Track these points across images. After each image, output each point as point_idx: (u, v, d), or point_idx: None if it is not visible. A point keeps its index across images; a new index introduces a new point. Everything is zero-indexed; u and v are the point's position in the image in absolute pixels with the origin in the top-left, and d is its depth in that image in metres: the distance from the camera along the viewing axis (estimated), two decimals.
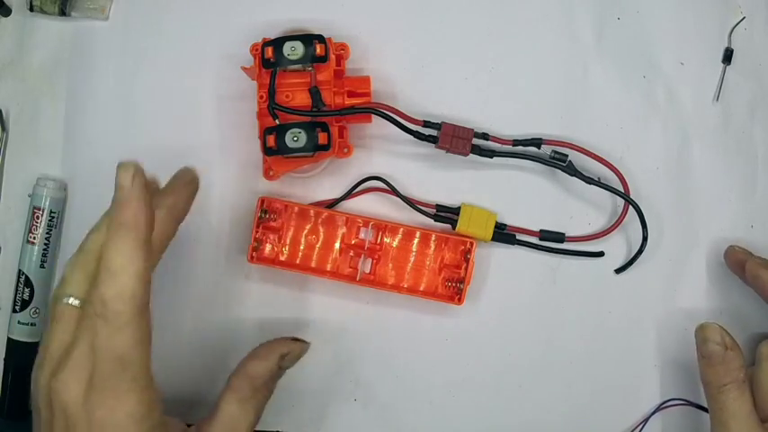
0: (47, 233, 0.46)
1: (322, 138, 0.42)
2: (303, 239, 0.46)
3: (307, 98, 0.43)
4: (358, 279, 0.45)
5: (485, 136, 0.45)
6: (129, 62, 0.47)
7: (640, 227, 0.45)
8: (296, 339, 0.41)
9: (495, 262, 0.46)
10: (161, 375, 0.46)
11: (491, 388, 0.46)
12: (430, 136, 0.44)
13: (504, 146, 0.45)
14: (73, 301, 0.34)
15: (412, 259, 0.46)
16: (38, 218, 0.45)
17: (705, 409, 0.43)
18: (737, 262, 0.44)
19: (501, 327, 0.46)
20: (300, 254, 0.46)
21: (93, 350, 0.32)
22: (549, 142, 0.45)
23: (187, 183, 0.38)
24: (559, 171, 0.45)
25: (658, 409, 0.46)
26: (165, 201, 0.36)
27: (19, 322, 0.45)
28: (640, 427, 0.46)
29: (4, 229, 0.47)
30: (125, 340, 0.31)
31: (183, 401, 0.46)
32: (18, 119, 0.48)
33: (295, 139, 0.42)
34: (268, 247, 0.45)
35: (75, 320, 0.33)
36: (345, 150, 0.44)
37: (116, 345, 0.31)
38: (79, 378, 0.32)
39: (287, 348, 0.40)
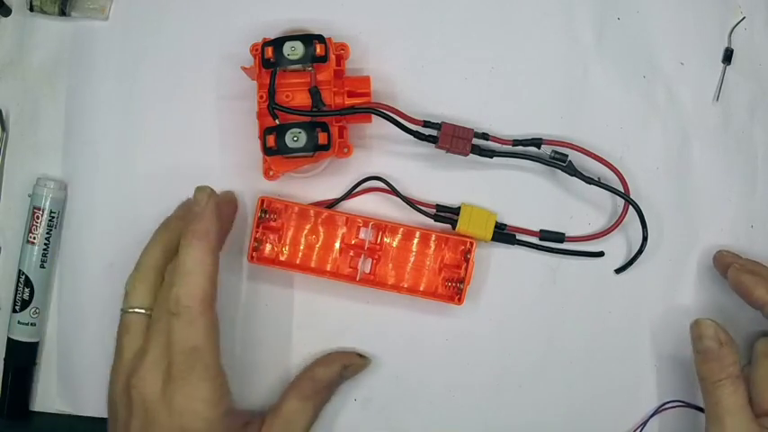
0: (47, 233, 0.46)
1: (322, 138, 0.42)
2: (303, 239, 0.46)
3: (307, 98, 0.43)
4: (358, 279, 0.45)
5: (485, 136, 0.45)
6: (129, 62, 0.47)
7: (640, 227, 0.45)
8: (360, 355, 0.45)
9: (495, 262, 0.46)
10: None
11: (491, 388, 0.46)
12: (430, 136, 0.44)
13: (504, 146, 0.45)
14: (139, 310, 0.40)
15: (412, 259, 0.46)
16: (38, 218, 0.45)
17: (703, 410, 0.43)
18: (725, 266, 0.44)
19: (501, 327, 0.46)
20: (300, 254, 0.46)
21: (167, 346, 0.36)
22: (549, 142, 0.45)
23: (228, 202, 0.45)
24: (559, 171, 0.45)
25: (657, 411, 0.46)
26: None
27: (19, 322, 0.45)
28: (639, 429, 0.46)
29: (4, 229, 0.47)
30: (197, 332, 0.36)
31: None
32: (18, 119, 0.48)
33: (295, 139, 0.42)
34: (268, 247, 0.45)
35: (143, 327, 0.39)
36: (345, 150, 0.44)
37: (189, 337, 0.36)
38: (156, 373, 0.37)
39: (350, 361, 0.44)
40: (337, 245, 0.46)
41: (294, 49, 0.42)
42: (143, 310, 0.40)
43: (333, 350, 0.45)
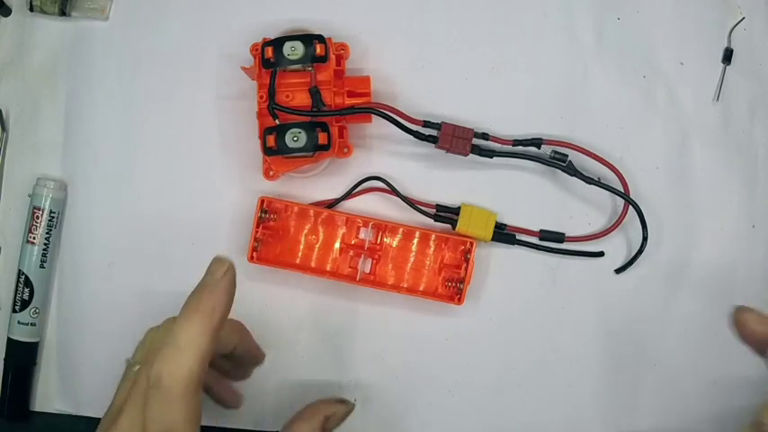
0: (47, 233, 0.46)
1: (322, 138, 0.42)
2: (303, 239, 0.46)
3: (307, 98, 0.43)
4: (358, 279, 0.45)
5: (485, 136, 0.45)
6: (129, 62, 0.47)
7: (640, 227, 0.45)
8: (341, 401, 0.41)
9: (495, 262, 0.46)
10: None
11: (491, 388, 0.46)
12: (430, 136, 0.44)
13: (504, 146, 0.45)
14: (137, 367, 0.35)
15: (412, 259, 0.46)
16: (38, 218, 0.46)
17: None
18: (756, 337, 0.35)
19: (501, 327, 0.46)
20: (300, 254, 0.46)
21: (142, 416, 0.32)
22: (549, 142, 0.45)
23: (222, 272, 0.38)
24: (559, 171, 0.45)
25: None
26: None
27: (19, 322, 0.45)
28: None
29: (4, 229, 0.47)
30: (175, 415, 0.32)
31: None
32: (18, 119, 0.48)
33: (295, 139, 0.42)
34: (268, 247, 0.45)
35: (133, 383, 0.34)
36: (345, 150, 0.44)
37: (165, 417, 0.32)
38: None
39: (331, 410, 0.40)
40: (337, 245, 0.46)
41: (294, 49, 0.42)
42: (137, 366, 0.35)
43: (310, 403, 0.41)
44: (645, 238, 0.45)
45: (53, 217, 0.46)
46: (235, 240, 0.46)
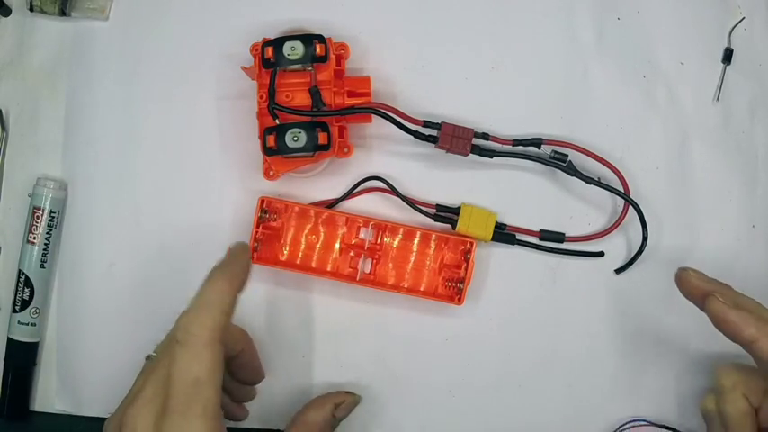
0: (47, 233, 0.46)
1: (322, 138, 0.42)
2: (303, 239, 0.46)
3: (307, 98, 0.43)
4: (358, 279, 0.45)
5: (485, 136, 0.45)
6: (129, 62, 0.47)
7: (640, 227, 0.45)
8: (348, 393, 0.45)
9: (495, 262, 0.46)
10: None
11: (491, 388, 0.46)
12: (430, 136, 0.44)
13: (504, 146, 0.45)
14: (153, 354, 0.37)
15: (412, 259, 0.46)
16: (38, 218, 0.46)
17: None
18: (698, 293, 0.38)
19: (501, 327, 0.46)
20: (300, 254, 0.46)
21: (167, 378, 0.33)
22: (549, 142, 0.45)
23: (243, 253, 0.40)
24: (559, 171, 0.45)
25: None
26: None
27: (19, 322, 0.45)
28: None
29: (4, 229, 0.47)
30: (202, 364, 0.33)
31: None
32: (18, 119, 0.48)
33: (295, 139, 0.42)
34: (268, 247, 0.45)
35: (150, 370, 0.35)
36: (345, 150, 0.44)
37: (192, 368, 0.33)
38: (150, 408, 0.33)
39: (340, 399, 0.44)
40: (337, 245, 0.46)
41: (294, 49, 0.42)
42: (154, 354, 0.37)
43: (320, 395, 0.44)
44: (645, 238, 0.45)
45: (53, 217, 0.46)
46: (235, 240, 0.46)
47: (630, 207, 0.45)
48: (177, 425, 0.32)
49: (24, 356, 0.46)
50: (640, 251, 0.46)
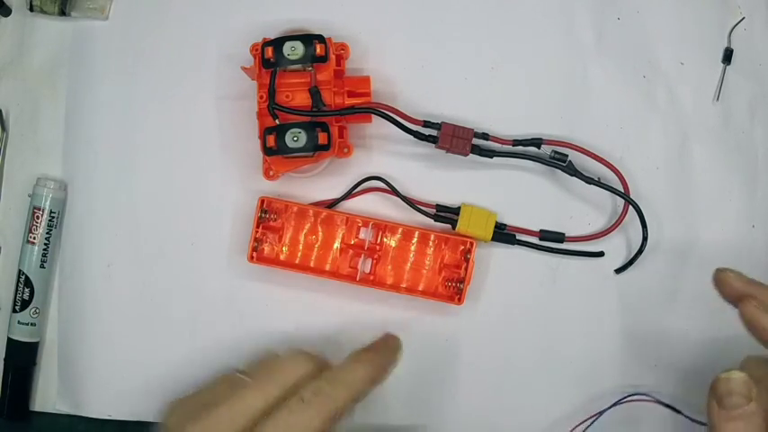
0: (47, 233, 0.46)
1: (322, 138, 0.42)
2: (303, 239, 0.46)
3: (307, 98, 0.43)
4: (358, 279, 0.45)
5: (485, 136, 0.45)
6: (129, 62, 0.47)
7: (640, 227, 0.45)
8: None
9: (495, 262, 0.46)
10: (159, 372, 0.47)
11: (491, 388, 0.46)
12: (430, 136, 0.44)
13: (504, 146, 0.45)
14: (241, 375, 0.37)
15: (412, 259, 0.46)
16: (38, 218, 0.46)
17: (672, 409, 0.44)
18: (734, 295, 0.39)
19: (501, 327, 0.46)
20: (300, 254, 0.46)
21: (252, 416, 0.34)
22: (549, 142, 0.45)
23: (393, 350, 0.42)
24: (559, 171, 0.45)
25: (618, 402, 0.45)
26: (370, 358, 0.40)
27: (19, 322, 0.46)
28: (594, 418, 0.45)
29: (4, 229, 0.47)
30: (314, 426, 0.34)
31: None
32: (18, 119, 0.48)
33: (295, 139, 0.42)
34: (268, 247, 0.45)
35: (229, 386, 0.36)
36: (345, 150, 0.44)
37: (299, 427, 0.34)
38: None
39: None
40: (337, 245, 0.46)
41: (294, 49, 0.42)
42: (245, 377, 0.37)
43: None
44: (645, 238, 0.45)
45: (53, 217, 0.46)
46: (235, 240, 0.46)
47: (630, 207, 0.45)
48: None
49: (24, 356, 0.46)
50: (640, 251, 0.46)
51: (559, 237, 0.46)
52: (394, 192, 0.45)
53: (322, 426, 0.34)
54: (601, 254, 0.46)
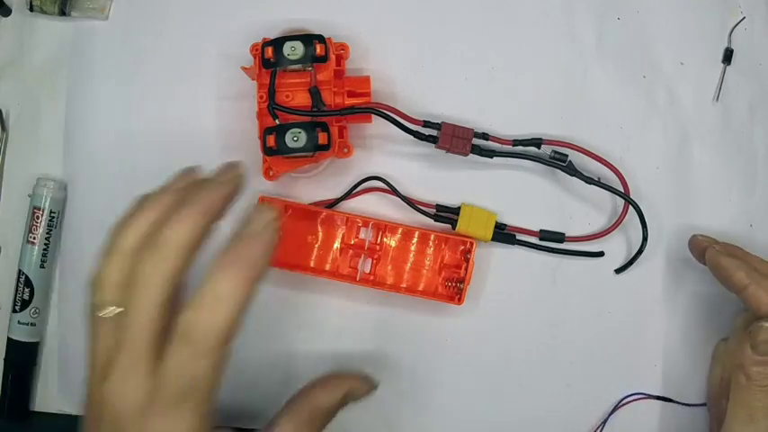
0: (47, 233, 0.46)
1: (322, 138, 0.42)
2: (303, 239, 0.46)
3: (307, 98, 0.43)
4: (358, 279, 0.45)
5: (485, 136, 0.45)
6: (129, 62, 0.47)
7: (640, 227, 0.45)
8: (365, 378, 0.41)
9: (495, 262, 0.46)
10: None
11: (491, 388, 0.46)
12: (430, 136, 0.44)
13: (504, 146, 0.45)
14: (113, 309, 0.32)
15: (412, 259, 0.46)
16: (38, 218, 0.46)
17: (667, 400, 0.45)
18: (701, 250, 0.43)
19: (501, 327, 0.46)
20: (300, 254, 0.46)
21: (159, 363, 0.30)
22: (549, 142, 0.45)
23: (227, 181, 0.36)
24: (559, 171, 0.45)
25: (620, 404, 0.46)
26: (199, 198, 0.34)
27: (19, 322, 0.46)
28: (600, 427, 0.46)
29: (4, 229, 0.47)
30: (206, 365, 0.30)
31: None
32: (18, 119, 0.48)
33: (295, 139, 0.42)
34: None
35: (115, 328, 0.31)
36: (345, 150, 0.44)
37: (194, 367, 0.30)
38: (135, 383, 0.30)
39: (355, 384, 0.39)
40: (337, 245, 0.46)
41: (294, 49, 0.42)
42: (118, 309, 0.32)
43: (335, 371, 0.41)
44: (645, 238, 0.45)
45: (53, 217, 0.46)
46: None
47: (630, 207, 0.45)
48: (164, 418, 0.30)
49: (24, 356, 0.46)
50: (640, 251, 0.46)
51: (559, 237, 0.46)
52: (394, 192, 0.45)
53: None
54: (601, 254, 0.46)
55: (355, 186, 0.46)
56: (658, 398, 0.46)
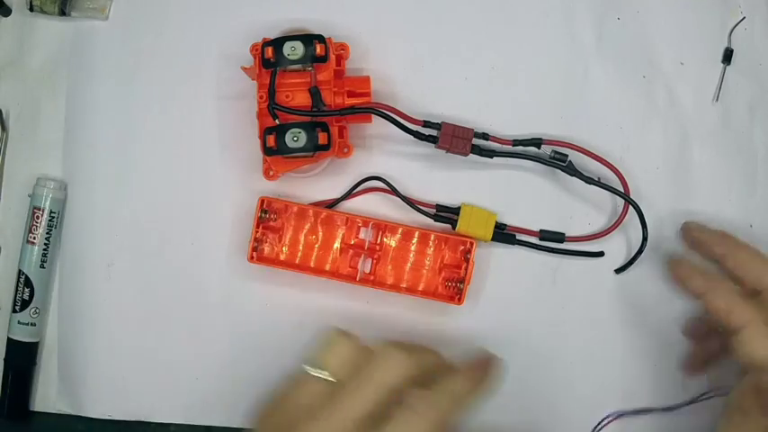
0: (47, 233, 0.46)
1: (322, 138, 0.42)
2: (303, 239, 0.46)
3: (307, 98, 0.43)
4: (358, 279, 0.45)
5: (485, 136, 0.45)
6: (129, 62, 0.47)
7: (640, 227, 0.45)
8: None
9: (495, 262, 0.46)
10: (159, 373, 0.46)
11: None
12: (430, 136, 0.44)
13: (504, 146, 0.45)
14: (326, 376, 0.35)
15: (412, 259, 0.46)
16: (38, 218, 0.46)
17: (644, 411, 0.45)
18: (695, 242, 0.44)
19: (501, 327, 0.46)
20: (300, 254, 0.46)
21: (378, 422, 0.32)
22: (549, 142, 0.45)
23: (493, 367, 0.39)
24: (559, 171, 0.45)
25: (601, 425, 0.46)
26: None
27: (19, 322, 0.46)
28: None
29: (4, 229, 0.47)
30: None
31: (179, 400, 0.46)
32: (18, 119, 0.48)
33: (295, 139, 0.42)
34: (268, 247, 0.45)
35: (320, 392, 0.34)
36: (345, 150, 0.44)
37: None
38: None
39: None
40: (337, 245, 0.46)
41: (294, 49, 0.42)
42: (330, 378, 0.35)
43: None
44: (645, 238, 0.45)
45: (53, 217, 0.46)
46: (235, 240, 0.46)
47: (630, 207, 0.45)
48: None
49: (24, 356, 0.46)
50: (640, 251, 0.46)
51: (559, 237, 0.46)
52: (394, 192, 0.45)
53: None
54: (601, 254, 0.46)
55: (355, 186, 0.46)
56: (634, 413, 0.45)
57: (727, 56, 0.47)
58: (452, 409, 0.34)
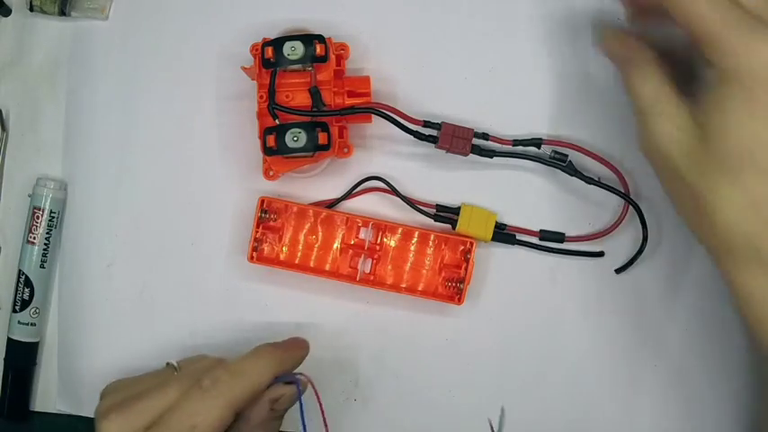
0: (47, 233, 0.46)
1: (322, 138, 0.42)
2: (303, 239, 0.46)
3: (307, 98, 0.43)
4: (358, 279, 0.45)
5: (485, 136, 0.45)
6: (129, 62, 0.47)
7: (640, 227, 0.45)
8: (288, 383, 0.39)
9: (495, 262, 0.46)
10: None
11: (491, 388, 0.46)
12: (430, 136, 0.44)
13: (504, 146, 0.45)
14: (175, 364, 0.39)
15: (411, 259, 0.46)
16: (38, 218, 0.46)
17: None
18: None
19: (501, 327, 0.46)
20: (300, 254, 0.46)
21: (172, 406, 0.35)
22: (549, 142, 0.45)
23: (298, 347, 0.42)
24: (559, 171, 0.45)
25: None
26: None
27: (19, 322, 0.46)
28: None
29: (4, 229, 0.47)
30: (208, 417, 0.35)
31: None
32: (18, 119, 0.48)
33: (295, 139, 0.42)
34: (268, 247, 0.45)
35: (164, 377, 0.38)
36: (345, 150, 0.44)
37: (199, 416, 0.35)
38: (140, 419, 0.36)
39: (277, 394, 0.39)
40: (337, 245, 0.46)
41: (294, 49, 0.42)
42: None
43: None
44: (645, 238, 0.45)
45: (53, 217, 0.46)
46: (235, 240, 0.46)
47: (630, 207, 0.45)
48: None
49: (24, 356, 0.46)
50: (640, 251, 0.46)
51: (559, 237, 0.46)
52: (394, 192, 0.45)
53: (221, 413, 0.35)
54: (601, 254, 0.46)
55: (355, 186, 0.46)
56: None
57: None
58: (242, 385, 0.37)
